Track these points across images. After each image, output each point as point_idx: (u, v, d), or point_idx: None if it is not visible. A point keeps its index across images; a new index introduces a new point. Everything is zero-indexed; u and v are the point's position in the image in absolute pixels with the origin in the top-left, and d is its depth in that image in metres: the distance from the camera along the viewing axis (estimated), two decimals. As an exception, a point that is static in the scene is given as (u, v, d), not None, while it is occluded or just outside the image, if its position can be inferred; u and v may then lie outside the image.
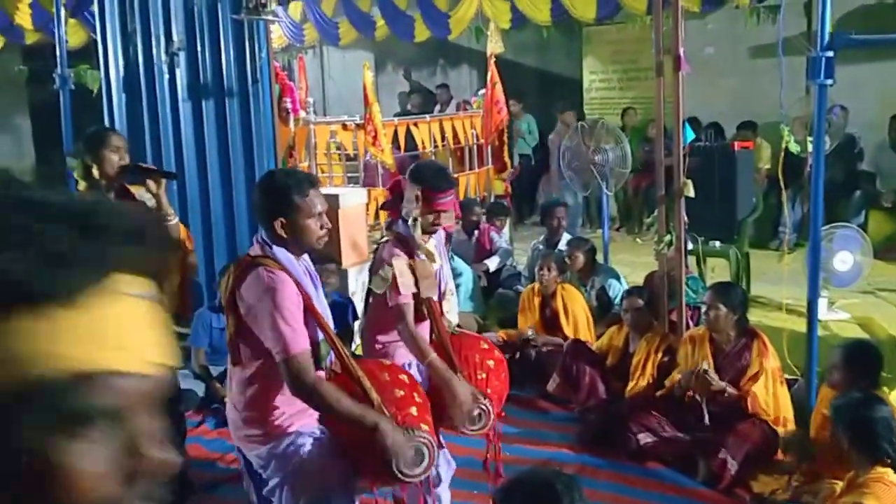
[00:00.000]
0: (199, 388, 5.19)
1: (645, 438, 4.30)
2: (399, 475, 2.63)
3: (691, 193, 4.75)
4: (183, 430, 4.04)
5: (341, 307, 5.33)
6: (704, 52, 9.66)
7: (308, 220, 2.68)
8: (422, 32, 10.41)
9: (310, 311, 2.64)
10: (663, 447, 4.29)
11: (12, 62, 12.65)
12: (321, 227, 2.72)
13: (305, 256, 2.80)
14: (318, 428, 2.74)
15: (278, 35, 10.61)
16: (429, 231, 3.33)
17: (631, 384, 4.72)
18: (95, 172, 3.50)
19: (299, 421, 2.70)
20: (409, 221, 3.26)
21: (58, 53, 6.76)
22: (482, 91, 9.34)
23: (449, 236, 6.27)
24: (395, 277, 3.19)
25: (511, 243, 7.84)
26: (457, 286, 5.88)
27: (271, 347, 2.56)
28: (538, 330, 5.63)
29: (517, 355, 5.42)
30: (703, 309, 4.46)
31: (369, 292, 3.40)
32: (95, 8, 6.43)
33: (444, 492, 3.40)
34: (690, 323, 5.00)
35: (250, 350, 2.64)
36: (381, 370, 2.89)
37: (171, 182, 3.71)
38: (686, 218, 4.89)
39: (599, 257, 6.43)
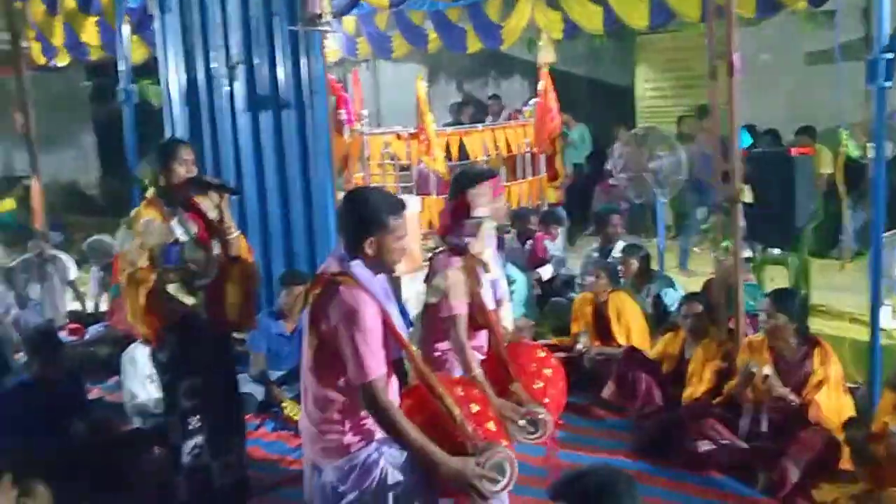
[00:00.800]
0: (259, 392, 5.29)
1: (703, 446, 4.24)
2: (480, 498, 2.60)
3: (748, 199, 4.69)
4: (242, 433, 4.12)
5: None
6: (760, 59, 9.53)
7: (396, 242, 2.69)
8: (474, 44, 10.44)
9: (389, 329, 2.64)
10: (722, 455, 4.22)
11: (77, 78, 13.06)
12: (402, 250, 2.75)
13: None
14: None
15: (332, 49, 10.75)
16: (499, 220, 3.50)
17: (688, 390, 4.67)
18: (162, 182, 3.66)
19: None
20: (478, 226, 3.33)
21: (121, 69, 6.97)
22: (534, 100, 9.36)
23: (501, 242, 6.28)
24: (449, 287, 3.23)
25: (565, 251, 7.81)
26: (510, 292, 5.89)
27: (349, 368, 2.56)
28: (591, 337, 5.60)
29: (572, 361, 5.39)
30: (762, 317, 4.40)
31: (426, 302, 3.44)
32: (157, 24, 6.62)
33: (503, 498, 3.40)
34: (750, 331, 4.93)
35: (332, 365, 2.63)
36: (454, 385, 2.90)
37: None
38: (744, 225, 4.82)
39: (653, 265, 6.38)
